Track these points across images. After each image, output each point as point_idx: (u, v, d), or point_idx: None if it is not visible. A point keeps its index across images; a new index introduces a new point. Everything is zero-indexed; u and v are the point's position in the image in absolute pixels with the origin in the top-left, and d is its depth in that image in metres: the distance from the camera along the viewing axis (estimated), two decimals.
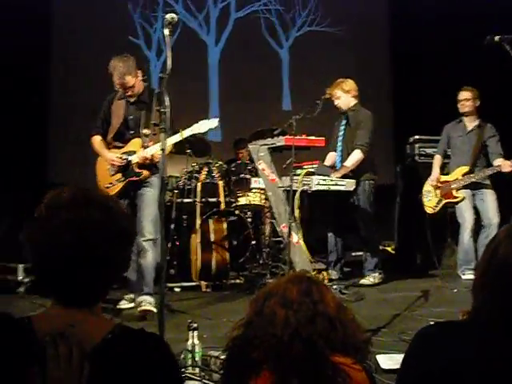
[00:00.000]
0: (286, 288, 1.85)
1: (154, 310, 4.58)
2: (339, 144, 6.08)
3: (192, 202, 6.11)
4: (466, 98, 6.21)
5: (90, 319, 1.52)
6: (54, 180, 8.30)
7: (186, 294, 5.51)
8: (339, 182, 5.33)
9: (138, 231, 4.64)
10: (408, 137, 7.24)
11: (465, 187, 6.12)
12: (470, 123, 6.26)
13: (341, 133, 6.09)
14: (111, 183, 4.94)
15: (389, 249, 7.38)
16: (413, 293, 5.30)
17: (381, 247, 7.00)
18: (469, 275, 5.85)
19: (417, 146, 7.06)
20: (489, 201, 6.07)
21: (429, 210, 6.41)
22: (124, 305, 4.98)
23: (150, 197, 4.79)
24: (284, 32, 9.35)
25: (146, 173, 4.85)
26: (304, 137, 5.28)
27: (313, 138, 5.37)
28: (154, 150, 4.73)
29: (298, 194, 5.09)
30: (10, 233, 5.91)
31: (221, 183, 6.24)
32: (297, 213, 5.13)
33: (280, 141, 5.27)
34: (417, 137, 7.12)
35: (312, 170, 5.34)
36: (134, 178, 4.86)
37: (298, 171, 5.30)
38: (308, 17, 9.34)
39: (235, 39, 9.14)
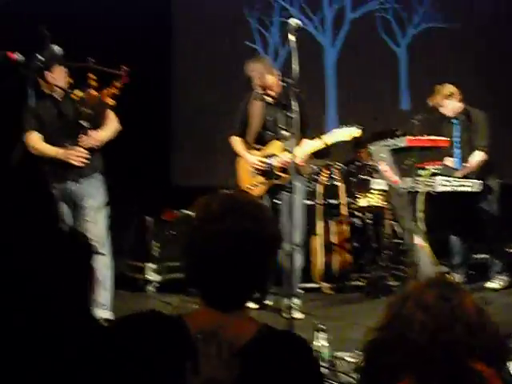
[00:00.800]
0: (423, 292, 1.82)
1: (301, 316, 4.66)
2: (456, 148, 5.89)
3: (313, 204, 6.13)
4: None
5: (239, 320, 1.58)
6: (179, 182, 8.60)
7: (308, 295, 5.53)
8: (465, 183, 5.19)
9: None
10: None
11: None
12: None
13: (456, 139, 5.88)
14: (254, 185, 5.02)
15: None
16: None
17: (507, 250, 6.73)
18: None
19: None
20: None
21: None
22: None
23: (295, 202, 4.64)
24: (401, 30, 9.17)
25: (287, 176, 4.80)
26: (427, 137, 5.17)
27: (436, 138, 5.24)
28: (294, 155, 4.75)
29: (421, 196, 5.01)
30: (138, 233, 6.16)
31: (341, 185, 6.22)
32: (420, 214, 5.04)
33: (402, 141, 5.18)
34: None
35: (435, 170, 5.23)
36: (276, 182, 4.89)
37: (421, 172, 5.21)
38: (425, 14, 9.12)
39: (351, 40, 9.08)
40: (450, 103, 5.79)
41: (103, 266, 4.43)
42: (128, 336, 1.53)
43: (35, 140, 4.41)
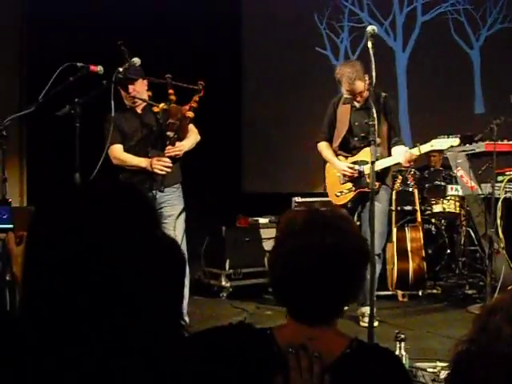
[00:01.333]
0: (511, 304, 1.80)
1: (376, 323, 4.53)
2: None
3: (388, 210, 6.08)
4: None
5: (329, 334, 1.57)
6: (250, 189, 8.70)
7: (383, 303, 5.48)
8: None
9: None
10: None
11: None
12: None
13: None
14: (341, 192, 4.99)
15: None
16: None
17: None
18: None
19: None
20: None
21: None
22: None
23: (378, 210, 4.52)
24: (474, 32, 8.98)
25: (377, 184, 4.71)
26: (505, 142, 5.05)
27: None
28: (387, 163, 4.73)
29: (500, 202, 4.90)
30: (213, 240, 6.24)
31: (416, 191, 6.15)
32: (498, 221, 4.93)
33: (480, 146, 5.07)
34: None
35: None
36: (366, 190, 4.75)
37: (500, 178, 5.09)
38: (500, 14, 8.90)
39: (423, 43, 8.96)
40: None
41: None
42: (217, 348, 1.53)
43: (118, 151, 4.54)
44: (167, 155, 4.42)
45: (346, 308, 4.82)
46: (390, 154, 4.89)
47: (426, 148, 4.61)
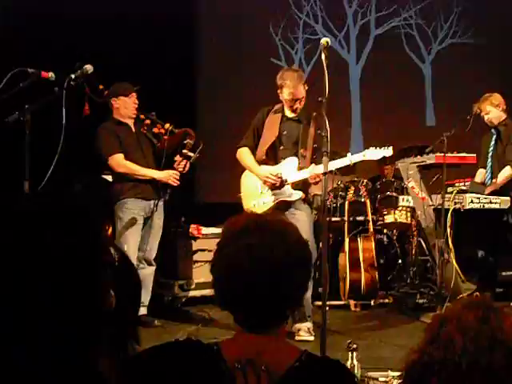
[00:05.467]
0: (462, 314, 1.81)
1: (312, 338, 4.57)
2: (489, 160, 5.87)
3: (340, 220, 6.12)
4: None
5: (277, 346, 1.55)
6: (200, 199, 8.65)
7: (335, 312, 5.51)
8: (493, 200, 5.16)
9: None
10: None
11: None
12: None
13: (491, 148, 5.87)
14: (260, 201, 4.82)
15: None
16: None
17: None
18: None
19: None
20: None
21: None
22: None
23: (304, 222, 4.59)
24: (426, 46, 9.18)
25: (300, 194, 4.72)
26: (455, 154, 5.15)
27: (464, 155, 5.22)
28: (310, 174, 4.60)
29: (449, 213, 4.99)
30: (165, 250, 6.17)
31: (368, 201, 6.21)
32: (448, 231, 5.02)
33: (430, 158, 5.17)
34: None
35: (464, 187, 5.21)
36: (287, 199, 4.71)
37: (450, 189, 5.19)
38: (450, 29, 9.11)
39: (376, 56, 9.09)
40: (496, 111, 5.76)
41: (150, 274, 5.19)
42: (163, 366, 1.50)
43: (123, 160, 5.04)
44: (180, 170, 5.07)
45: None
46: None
47: (357, 158, 4.57)
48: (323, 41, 3.46)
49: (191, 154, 5.07)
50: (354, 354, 3.19)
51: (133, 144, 5.16)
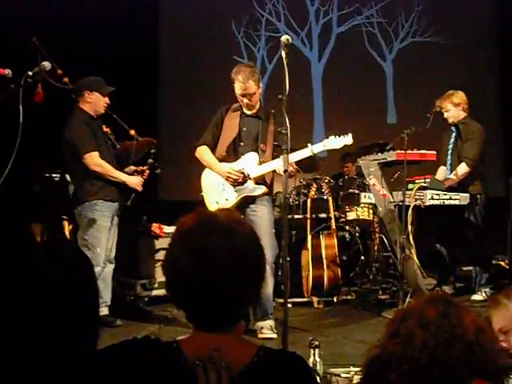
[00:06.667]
0: (423, 309, 1.82)
1: (275, 336, 4.55)
2: (449, 157, 5.94)
3: (302, 217, 6.14)
4: None
5: (234, 342, 1.55)
6: (162, 197, 8.59)
7: (298, 309, 5.52)
8: (453, 196, 5.23)
9: None
10: None
11: None
12: None
13: (451, 146, 5.95)
14: (223, 198, 4.79)
15: (502, 263, 7.10)
16: None
17: (493, 262, 6.78)
18: None
19: None
20: None
21: None
22: None
23: (265, 219, 4.62)
24: (387, 44, 9.27)
25: (264, 189, 4.71)
26: (415, 151, 5.20)
27: (424, 152, 5.28)
28: (272, 167, 4.60)
29: (410, 209, 5.04)
30: (127, 249, 6.11)
31: (330, 199, 6.24)
32: (409, 228, 5.07)
33: (391, 155, 5.21)
34: None
35: (424, 184, 5.27)
36: (250, 194, 4.70)
37: (410, 186, 5.24)
38: (411, 27, 9.22)
39: (338, 54, 9.16)
40: (455, 110, 5.83)
41: (110, 272, 5.10)
42: (121, 365, 1.48)
43: (100, 159, 5.00)
44: (144, 178, 5.18)
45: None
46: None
47: (318, 148, 4.57)
48: (284, 38, 3.45)
49: (158, 166, 5.33)
50: (316, 350, 3.20)
51: (103, 143, 5.14)
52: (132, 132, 5.17)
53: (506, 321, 2.13)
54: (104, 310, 4.91)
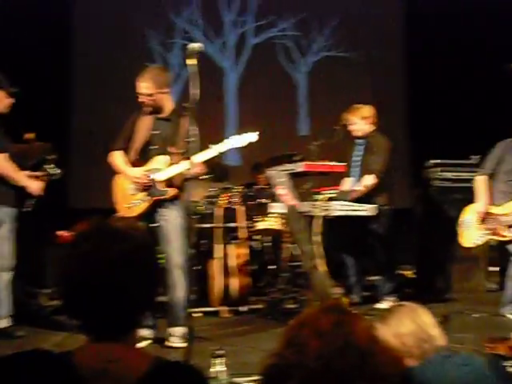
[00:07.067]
0: (317, 318, 1.85)
1: (183, 345, 4.44)
2: (356, 170, 6.09)
3: (212, 226, 6.12)
4: None
5: (128, 354, 1.52)
6: (72, 205, 8.38)
7: (207, 319, 5.50)
8: (360, 208, 5.34)
9: (165, 260, 4.59)
10: (425, 161, 7.19)
11: None
12: None
13: (358, 158, 6.09)
14: (133, 203, 4.73)
15: (408, 273, 7.34)
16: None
17: (399, 272, 6.99)
18: None
19: (435, 170, 6.98)
20: None
21: (467, 244, 5.76)
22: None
23: (174, 223, 4.60)
24: (301, 57, 9.43)
25: (172, 192, 4.66)
26: (324, 163, 5.30)
27: (333, 163, 5.39)
28: (180, 170, 4.56)
29: (317, 219, 5.12)
30: (32, 258, 5.93)
31: (240, 208, 6.26)
32: (317, 238, 5.15)
33: (300, 166, 5.28)
34: (434, 161, 7.02)
35: (332, 195, 5.37)
36: (160, 197, 4.65)
37: (318, 196, 5.33)
38: (325, 42, 9.42)
39: (253, 65, 9.23)
40: (362, 124, 5.96)
41: (7, 281, 4.87)
42: (7, 380, 1.43)
43: (6, 161, 4.80)
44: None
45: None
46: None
47: (222, 147, 4.59)
48: (191, 45, 3.44)
49: (56, 171, 5.16)
50: (220, 360, 3.19)
51: (6, 144, 4.91)
52: (29, 135, 5.01)
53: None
54: (4, 322, 4.77)
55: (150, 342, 4.64)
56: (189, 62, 3.40)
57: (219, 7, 9.28)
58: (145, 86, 4.66)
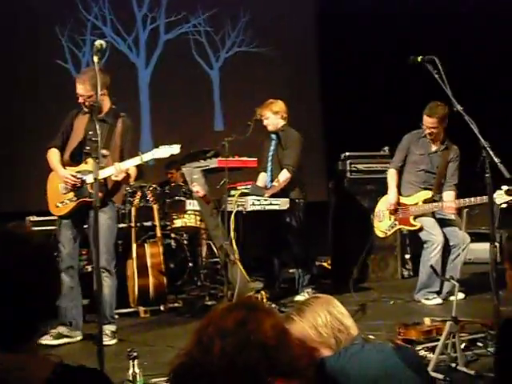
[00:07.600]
0: (222, 316, 1.85)
1: (113, 342, 4.64)
2: (269, 164, 6.14)
3: (127, 226, 6.03)
4: (433, 127, 5.61)
5: (29, 361, 1.48)
6: None
7: (124, 320, 5.41)
8: (273, 202, 5.40)
9: (93, 261, 4.61)
10: (339, 154, 7.32)
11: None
12: (436, 143, 5.78)
13: (271, 153, 6.14)
14: (62, 202, 4.77)
15: (325, 264, 7.47)
16: (350, 306, 5.36)
17: (317, 263, 7.10)
18: (435, 300, 5.64)
19: (348, 162, 7.10)
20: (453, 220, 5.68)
21: (380, 234, 6.05)
22: (46, 340, 4.58)
23: (102, 225, 4.48)
24: (214, 53, 9.42)
25: (100, 195, 4.46)
26: (236, 158, 5.33)
27: (245, 159, 5.43)
28: (110, 173, 4.58)
29: (233, 215, 5.14)
30: None
31: (155, 206, 6.19)
32: (232, 233, 5.17)
33: (213, 163, 5.30)
34: (348, 153, 7.14)
35: (246, 190, 5.39)
36: (87, 199, 4.63)
37: (233, 192, 5.35)
38: (237, 38, 9.45)
39: (165, 61, 9.16)
40: (274, 118, 6.00)
41: None
42: None
43: None
44: None
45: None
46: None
47: (148, 156, 4.64)
48: (97, 43, 3.40)
49: None
50: (135, 361, 3.15)
51: None
52: None
53: (300, 335, 2.22)
54: None
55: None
56: (95, 59, 3.35)
57: (130, 3, 9.13)
58: (83, 88, 4.63)
